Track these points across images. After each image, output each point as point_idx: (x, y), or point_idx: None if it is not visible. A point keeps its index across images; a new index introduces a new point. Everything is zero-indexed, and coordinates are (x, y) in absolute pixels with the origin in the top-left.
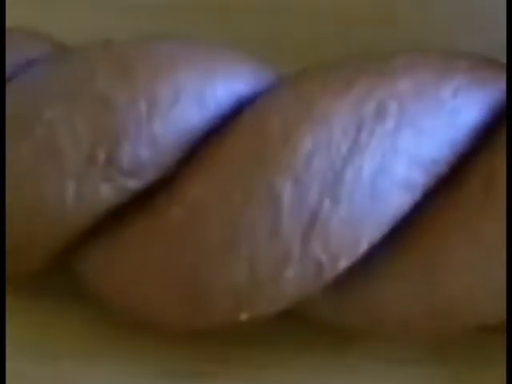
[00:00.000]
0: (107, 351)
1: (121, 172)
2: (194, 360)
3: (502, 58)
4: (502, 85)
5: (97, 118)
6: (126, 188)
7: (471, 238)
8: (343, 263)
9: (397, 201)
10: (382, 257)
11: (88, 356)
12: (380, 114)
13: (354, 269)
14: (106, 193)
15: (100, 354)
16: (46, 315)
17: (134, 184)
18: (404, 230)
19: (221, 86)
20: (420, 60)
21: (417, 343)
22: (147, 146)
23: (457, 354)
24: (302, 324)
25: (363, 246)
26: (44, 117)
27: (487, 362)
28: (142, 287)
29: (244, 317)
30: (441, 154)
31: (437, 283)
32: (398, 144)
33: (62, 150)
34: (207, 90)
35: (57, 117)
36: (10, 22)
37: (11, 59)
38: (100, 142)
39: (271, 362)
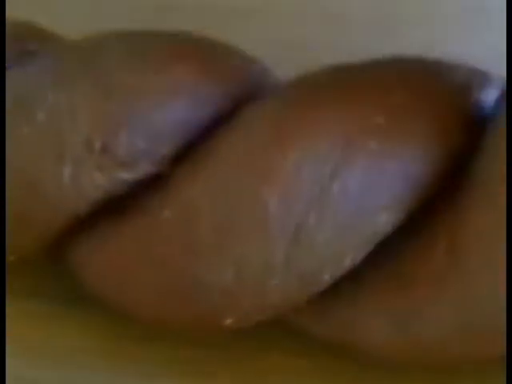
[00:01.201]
0: (106, 353)
1: (115, 162)
2: (193, 360)
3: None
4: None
5: (96, 105)
6: (120, 179)
7: (439, 293)
8: (326, 278)
9: (381, 219)
10: (366, 281)
11: (87, 357)
12: (368, 130)
13: (341, 285)
14: (100, 181)
15: (99, 356)
16: (46, 317)
17: (127, 175)
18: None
19: (216, 85)
20: (412, 73)
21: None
22: (143, 139)
23: None
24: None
25: (347, 263)
26: (46, 101)
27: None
28: (132, 283)
29: (229, 322)
30: (426, 175)
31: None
32: (384, 163)
33: (62, 133)
34: (203, 88)
35: (59, 101)
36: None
37: (12, 50)
38: (97, 130)
39: (271, 363)
